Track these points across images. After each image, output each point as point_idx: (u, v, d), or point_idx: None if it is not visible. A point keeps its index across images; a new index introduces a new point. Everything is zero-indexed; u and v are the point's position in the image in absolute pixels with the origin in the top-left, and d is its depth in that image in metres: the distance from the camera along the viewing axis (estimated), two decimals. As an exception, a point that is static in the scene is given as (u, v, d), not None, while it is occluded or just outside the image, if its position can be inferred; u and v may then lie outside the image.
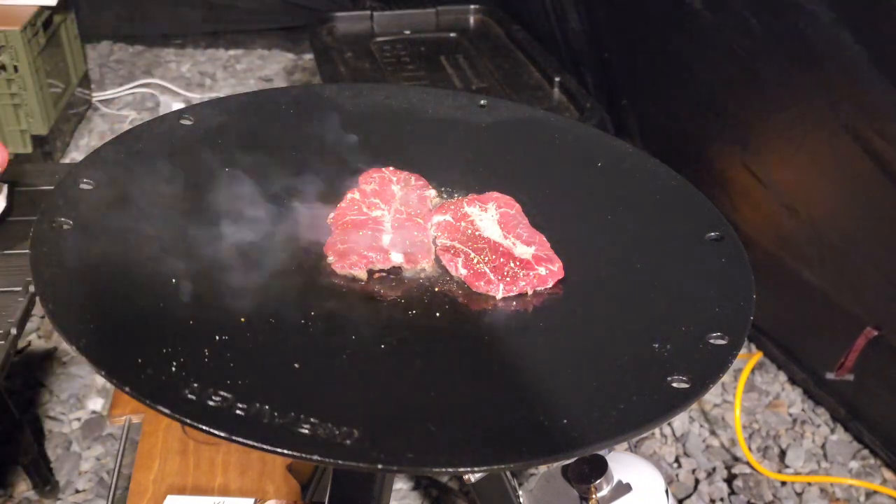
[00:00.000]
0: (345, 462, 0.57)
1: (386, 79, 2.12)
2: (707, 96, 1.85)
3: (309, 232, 0.84)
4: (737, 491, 1.64)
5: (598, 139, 1.04)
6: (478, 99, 1.10)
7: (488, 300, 0.78)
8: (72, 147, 2.68)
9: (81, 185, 0.82)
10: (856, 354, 1.62)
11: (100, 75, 3.13)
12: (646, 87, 2.16)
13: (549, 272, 0.80)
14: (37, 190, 1.27)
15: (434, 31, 2.43)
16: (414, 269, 0.81)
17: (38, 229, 0.74)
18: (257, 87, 3.12)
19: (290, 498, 1.20)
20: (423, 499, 1.57)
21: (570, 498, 0.99)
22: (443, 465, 0.59)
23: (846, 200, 1.59)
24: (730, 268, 0.81)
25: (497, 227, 0.86)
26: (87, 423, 1.69)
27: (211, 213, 0.82)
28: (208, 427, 0.57)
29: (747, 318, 0.74)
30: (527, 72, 2.16)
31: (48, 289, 0.68)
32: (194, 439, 1.30)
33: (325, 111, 1.01)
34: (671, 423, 1.78)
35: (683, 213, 0.90)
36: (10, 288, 1.09)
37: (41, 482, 1.51)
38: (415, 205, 0.89)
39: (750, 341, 1.96)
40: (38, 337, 1.90)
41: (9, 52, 2.27)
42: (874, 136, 1.44)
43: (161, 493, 1.21)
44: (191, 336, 0.67)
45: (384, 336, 0.72)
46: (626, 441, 1.46)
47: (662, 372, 0.67)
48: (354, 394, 0.65)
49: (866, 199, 1.54)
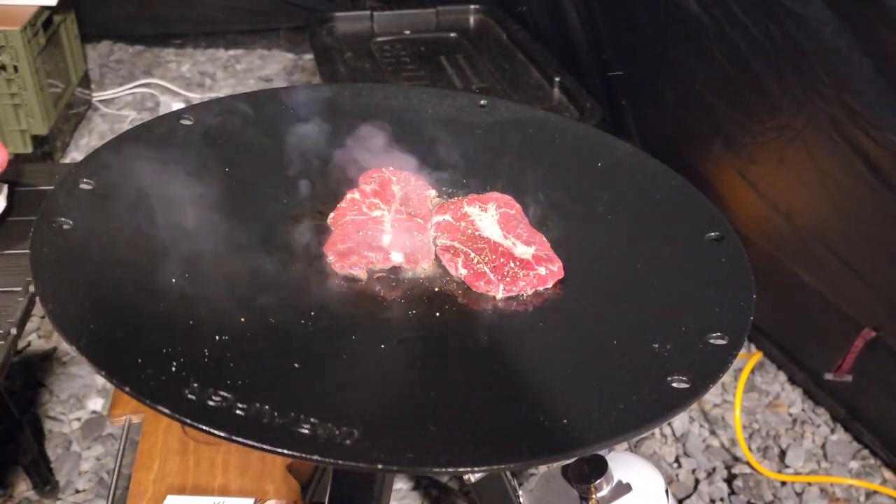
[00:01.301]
0: (345, 462, 0.57)
1: (386, 79, 2.12)
2: (704, 98, 1.86)
3: (309, 232, 0.84)
4: (737, 491, 1.64)
5: (598, 139, 1.04)
6: (478, 99, 1.10)
7: (488, 300, 0.78)
8: (72, 147, 2.68)
9: (81, 185, 0.82)
10: (853, 356, 1.62)
11: (100, 75, 3.13)
12: (644, 89, 2.16)
13: (549, 272, 0.80)
14: (37, 190, 1.27)
15: (434, 31, 2.43)
16: (414, 269, 0.81)
17: (38, 229, 0.74)
18: (257, 87, 3.12)
19: (290, 498, 1.20)
20: (423, 499, 1.57)
21: (570, 498, 0.99)
22: (443, 465, 0.59)
23: (842, 203, 1.59)
24: (730, 268, 0.80)
25: (497, 227, 0.86)
26: (87, 423, 1.69)
27: (211, 213, 0.82)
28: (208, 427, 0.57)
29: (747, 318, 0.74)
30: (527, 72, 2.16)
31: (48, 289, 0.68)
32: (194, 439, 1.29)
33: (325, 111, 1.01)
34: (671, 423, 1.78)
35: (683, 213, 0.90)
36: (10, 288, 1.09)
37: (41, 482, 1.51)
38: (415, 205, 0.89)
39: (750, 341, 1.96)
40: (38, 337, 1.90)
41: (9, 52, 2.27)
42: (868, 140, 1.45)
43: (161, 493, 1.21)
44: (191, 336, 0.67)
45: (384, 336, 0.72)
46: (626, 441, 1.46)
47: (662, 372, 0.67)
48: (354, 394, 0.65)
49: (861, 201, 1.55)
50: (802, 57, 1.53)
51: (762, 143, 1.72)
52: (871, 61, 1.39)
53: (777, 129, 1.66)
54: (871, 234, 1.57)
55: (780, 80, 1.61)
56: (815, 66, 1.50)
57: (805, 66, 1.53)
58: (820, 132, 1.56)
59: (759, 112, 1.70)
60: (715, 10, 1.73)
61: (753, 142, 1.74)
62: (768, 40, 1.59)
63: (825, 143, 1.55)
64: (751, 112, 1.73)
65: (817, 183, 1.62)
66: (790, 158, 1.66)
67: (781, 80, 1.61)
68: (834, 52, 1.45)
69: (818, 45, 1.48)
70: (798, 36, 1.51)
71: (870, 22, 1.38)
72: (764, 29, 1.60)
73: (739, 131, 1.77)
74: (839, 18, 1.43)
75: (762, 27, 1.60)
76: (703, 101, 1.87)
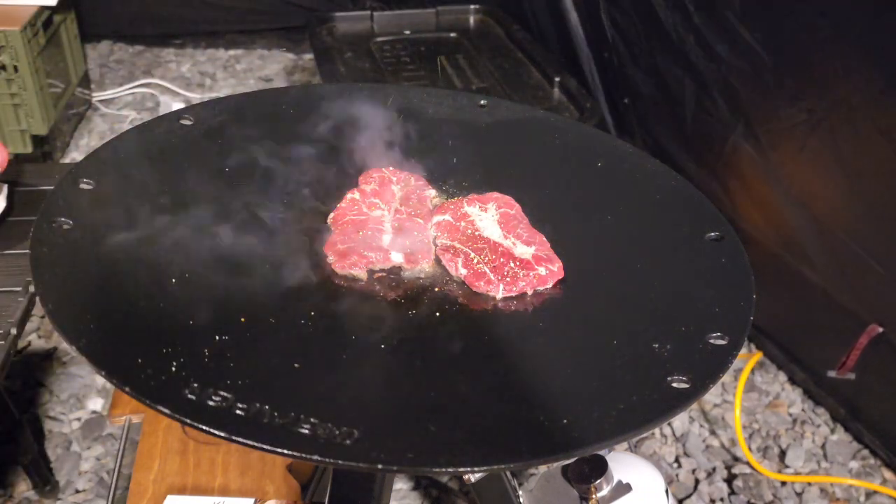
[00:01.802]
0: (345, 462, 0.57)
1: (386, 79, 2.12)
2: (703, 97, 1.85)
3: (309, 232, 0.84)
4: (737, 491, 1.64)
5: (598, 139, 1.04)
6: (478, 99, 1.10)
7: (488, 300, 0.78)
8: (72, 147, 2.68)
9: (81, 185, 0.82)
10: (858, 352, 1.62)
11: (100, 75, 3.13)
12: (644, 88, 2.16)
13: (549, 272, 0.80)
14: (37, 190, 1.27)
15: (434, 31, 2.43)
16: (414, 269, 0.81)
17: (38, 229, 0.74)
18: (257, 87, 3.12)
19: (290, 498, 1.20)
20: (423, 499, 1.57)
21: (570, 498, 0.99)
22: (443, 465, 0.59)
23: (851, 197, 1.58)
24: (730, 268, 0.81)
25: (497, 227, 0.86)
26: (87, 423, 1.69)
27: (211, 214, 0.82)
28: (208, 427, 0.57)
29: (747, 318, 0.74)
30: (527, 72, 2.16)
31: (48, 289, 0.68)
32: (194, 439, 1.30)
33: (325, 111, 1.01)
34: (671, 423, 1.78)
35: (683, 213, 0.90)
36: (10, 288, 1.09)
37: (41, 482, 1.51)
38: (415, 205, 0.89)
39: (750, 341, 1.96)
40: (38, 337, 1.90)
41: (9, 52, 2.27)
42: (879, 134, 1.44)
43: (161, 493, 1.21)
44: (191, 336, 0.67)
45: (384, 336, 0.72)
46: (626, 441, 1.46)
47: (662, 372, 0.67)
48: (354, 394, 0.65)
49: (871, 195, 1.54)
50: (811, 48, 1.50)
51: (768, 139, 1.72)
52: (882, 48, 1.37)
53: (783, 124, 1.65)
54: (878, 227, 1.55)
55: (786, 73, 1.60)
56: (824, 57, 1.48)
57: (813, 59, 1.51)
58: (827, 127, 1.54)
59: (765, 106, 1.69)
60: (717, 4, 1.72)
61: (759, 137, 1.73)
62: (774, 33, 1.59)
63: (832, 138, 1.54)
64: (756, 107, 1.72)
65: (824, 177, 1.60)
66: (796, 154, 1.64)
67: (788, 72, 1.59)
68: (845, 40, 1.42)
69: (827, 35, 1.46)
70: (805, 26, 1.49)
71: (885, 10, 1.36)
72: (769, 22, 1.59)
73: (744, 127, 1.77)
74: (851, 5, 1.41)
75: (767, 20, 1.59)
76: (702, 101, 1.87)
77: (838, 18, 1.47)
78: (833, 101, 1.54)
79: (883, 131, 1.45)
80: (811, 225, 1.68)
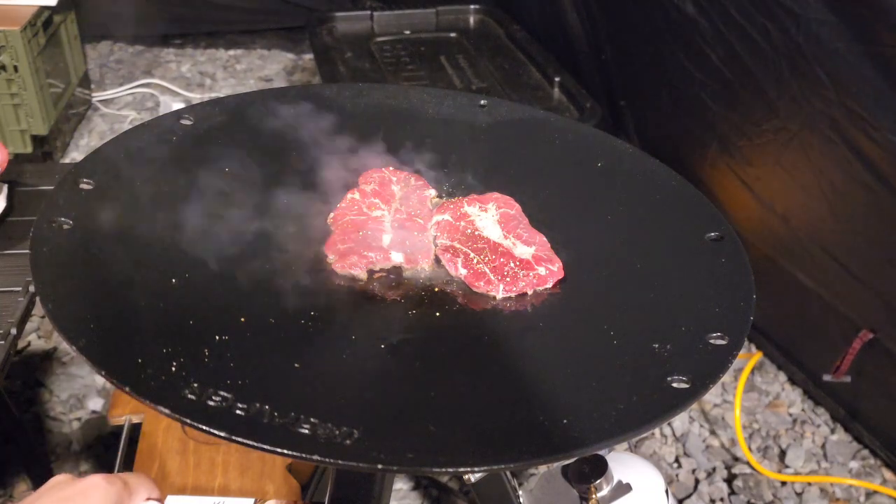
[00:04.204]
0: (345, 462, 0.57)
1: (386, 79, 2.12)
2: (702, 99, 1.86)
3: (308, 232, 0.84)
4: (737, 491, 1.64)
5: (598, 139, 1.04)
6: (478, 99, 1.10)
7: (488, 300, 0.78)
8: (72, 147, 2.68)
9: (81, 185, 0.82)
10: (851, 357, 1.62)
11: (100, 75, 3.13)
12: (643, 90, 2.17)
13: (549, 272, 0.80)
14: (37, 190, 1.27)
15: (434, 31, 2.43)
16: (414, 269, 0.81)
17: (38, 229, 0.74)
18: (257, 87, 3.12)
19: (290, 498, 1.20)
20: (423, 499, 1.57)
21: (570, 498, 0.99)
22: (443, 465, 0.59)
23: (838, 205, 1.59)
24: (730, 268, 0.80)
25: (497, 227, 0.86)
26: (87, 423, 1.69)
27: (211, 214, 0.82)
28: (208, 427, 0.57)
29: (747, 318, 0.74)
30: (527, 72, 2.16)
31: (48, 289, 0.68)
32: (194, 439, 1.29)
33: (324, 111, 1.01)
34: (671, 423, 1.78)
35: (683, 213, 0.90)
36: (10, 288, 1.09)
37: (41, 482, 1.51)
38: (415, 205, 0.89)
39: (750, 341, 1.96)
40: (38, 337, 1.90)
41: (9, 52, 2.27)
42: (865, 139, 1.45)
43: (161, 494, 1.20)
44: (191, 336, 0.67)
45: (384, 336, 0.72)
46: (626, 441, 1.46)
47: (662, 372, 0.67)
48: (354, 394, 0.65)
49: (858, 203, 1.55)
50: (800, 57, 1.53)
51: (759, 144, 1.73)
52: (867, 60, 1.39)
53: (774, 130, 1.66)
54: (867, 235, 1.57)
55: (777, 81, 1.61)
56: (813, 66, 1.50)
57: (803, 67, 1.53)
58: (817, 133, 1.56)
59: (757, 113, 1.70)
60: (711, 11, 1.73)
61: (751, 143, 1.74)
62: (766, 41, 1.60)
63: (822, 145, 1.56)
64: (748, 113, 1.73)
65: (814, 185, 1.62)
66: (787, 160, 1.66)
67: (779, 81, 1.61)
68: (833, 52, 1.45)
69: (817, 46, 1.48)
70: (797, 36, 1.51)
71: (869, 23, 1.38)
72: (762, 29, 1.60)
73: (736, 133, 1.78)
74: (838, 18, 1.43)
75: (760, 27, 1.60)
76: (701, 103, 1.87)
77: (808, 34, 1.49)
78: (804, 117, 1.55)
79: (852, 146, 1.46)
80: (793, 235, 1.70)
